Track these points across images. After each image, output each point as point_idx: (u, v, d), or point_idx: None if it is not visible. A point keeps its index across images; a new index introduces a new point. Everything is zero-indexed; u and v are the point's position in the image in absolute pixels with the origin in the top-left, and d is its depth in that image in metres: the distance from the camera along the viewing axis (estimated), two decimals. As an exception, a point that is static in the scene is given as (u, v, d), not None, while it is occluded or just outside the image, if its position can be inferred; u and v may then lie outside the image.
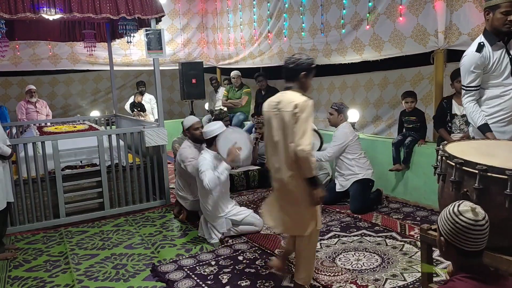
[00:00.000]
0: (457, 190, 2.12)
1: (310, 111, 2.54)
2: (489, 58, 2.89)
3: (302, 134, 2.49)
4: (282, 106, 2.63)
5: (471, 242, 1.51)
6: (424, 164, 4.56)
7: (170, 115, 10.05)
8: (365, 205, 4.45)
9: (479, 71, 2.92)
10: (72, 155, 4.75)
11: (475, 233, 1.51)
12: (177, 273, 3.25)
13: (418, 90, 5.42)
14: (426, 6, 4.54)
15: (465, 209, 1.54)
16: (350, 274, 3.09)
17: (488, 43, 2.90)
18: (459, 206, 1.56)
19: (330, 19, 5.81)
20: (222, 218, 3.84)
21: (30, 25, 5.65)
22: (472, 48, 2.96)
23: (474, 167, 2.02)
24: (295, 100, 2.56)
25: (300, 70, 2.66)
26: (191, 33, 8.86)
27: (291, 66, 2.68)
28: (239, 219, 3.91)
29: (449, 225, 1.54)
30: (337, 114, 4.65)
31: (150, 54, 4.79)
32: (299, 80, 2.67)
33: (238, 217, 3.92)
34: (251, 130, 6.39)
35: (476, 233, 1.51)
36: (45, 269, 3.47)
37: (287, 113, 2.56)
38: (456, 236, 1.53)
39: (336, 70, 6.51)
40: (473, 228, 1.50)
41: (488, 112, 2.97)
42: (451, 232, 1.54)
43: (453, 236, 1.54)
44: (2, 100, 8.63)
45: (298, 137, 2.49)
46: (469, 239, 1.51)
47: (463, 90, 3.06)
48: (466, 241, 1.51)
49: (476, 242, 1.51)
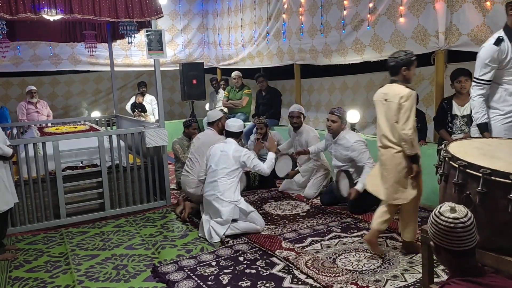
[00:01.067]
0: (460, 192, 2.11)
1: (413, 101, 3.06)
2: (506, 53, 2.88)
3: (405, 120, 3.03)
4: (389, 98, 3.13)
5: (457, 241, 1.52)
6: (424, 164, 4.53)
7: (171, 115, 10.04)
8: (364, 206, 4.41)
9: (495, 65, 2.90)
10: (72, 155, 4.75)
11: (458, 232, 1.52)
12: (178, 274, 3.25)
13: (419, 90, 5.40)
14: (427, 7, 4.54)
15: (445, 209, 1.58)
16: (350, 274, 3.09)
17: (507, 38, 2.88)
18: (440, 208, 1.60)
19: (330, 20, 5.81)
20: (232, 204, 3.87)
21: (31, 26, 5.65)
22: (491, 41, 2.94)
23: (478, 170, 2.01)
24: (400, 93, 3.06)
25: (401, 66, 3.12)
26: (191, 34, 8.86)
27: (392, 64, 3.15)
28: (248, 210, 3.96)
29: (434, 227, 1.57)
30: (341, 121, 4.55)
31: (151, 54, 4.80)
32: (401, 74, 3.14)
33: (246, 207, 3.97)
34: (251, 130, 6.39)
35: (459, 231, 1.52)
36: (45, 269, 3.47)
37: (394, 103, 3.08)
38: (442, 237, 1.55)
39: (336, 71, 6.51)
40: (454, 227, 1.52)
41: (505, 111, 2.94)
42: (436, 234, 1.56)
43: (439, 238, 1.56)
44: (3, 100, 8.63)
45: (402, 123, 3.05)
46: (454, 238, 1.52)
47: (474, 83, 3.04)
48: (452, 241, 1.53)
49: (462, 241, 1.52)
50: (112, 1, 4.45)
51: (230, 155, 3.99)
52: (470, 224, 1.54)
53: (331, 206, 4.68)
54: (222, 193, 3.89)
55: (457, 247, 1.53)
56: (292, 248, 3.59)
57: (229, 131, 4.21)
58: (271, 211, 4.68)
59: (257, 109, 7.12)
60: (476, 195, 2.02)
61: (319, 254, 3.49)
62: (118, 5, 4.49)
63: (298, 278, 3.10)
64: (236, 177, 4.00)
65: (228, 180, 3.94)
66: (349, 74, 6.62)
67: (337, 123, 4.54)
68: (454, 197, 2.12)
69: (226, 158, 4.00)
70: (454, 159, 2.16)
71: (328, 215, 4.44)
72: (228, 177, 3.95)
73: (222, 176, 3.94)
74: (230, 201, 3.89)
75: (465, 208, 1.59)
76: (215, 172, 3.99)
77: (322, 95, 7.15)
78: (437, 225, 1.56)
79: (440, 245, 1.56)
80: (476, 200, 2.02)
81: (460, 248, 1.53)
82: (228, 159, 3.99)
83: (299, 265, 3.26)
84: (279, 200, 5.08)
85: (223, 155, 4.02)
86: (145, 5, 4.63)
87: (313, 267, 3.21)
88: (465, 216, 1.55)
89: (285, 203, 4.97)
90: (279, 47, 6.84)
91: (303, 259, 3.36)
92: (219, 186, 3.91)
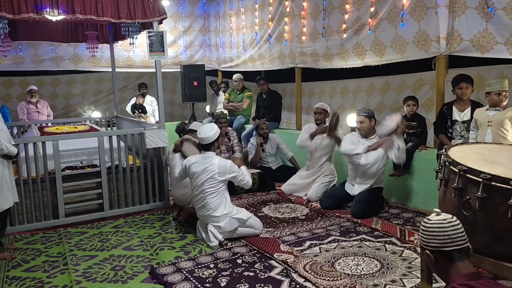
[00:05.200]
0: (459, 197, 2.11)
1: None
2: None
3: None
4: None
5: (448, 239, 1.56)
6: (424, 169, 4.55)
7: (171, 117, 10.05)
8: (367, 211, 4.41)
9: None
10: (72, 155, 4.75)
11: (448, 230, 1.57)
12: (176, 276, 3.24)
13: (419, 95, 5.42)
14: (428, 12, 4.54)
15: (431, 215, 1.66)
16: (349, 279, 3.08)
17: None
18: (426, 217, 1.67)
19: (332, 24, 5.82)
20: (227, 217, 3.83)
21: (33, 26, 5.66)
22: None
23: (478, 175, 2.01)
24: None
25: None
26: (193, 36, 8.88)
27: None
28: (245, 217, 3.88)
29: (425, 233, 1.63)
30: (369, 120, 4.44)
31: (152, 56, 4.80)
32: None
33: (242, 215, 3.89)
34: (251, 133, 6.39)
35: (449, 229, 1.57)
36: (43, 269, 3.46)
37: None
38: (434, 240, 1.59)
39: (337, 75, 6.52)
40: (444, 225, 1.58)
41: None
42: (429, 239, 1.61)
43: (432, 242, 1.60)
44: (4, 100, 8.64)
45: None
46: (445, 237, 1.57)
47: None
48: (444, 241, 1.57)
49: (453, 239, 1.56)
50: (114, 1, 4.46)
51: (215, 171, 3.81)
52: (458, 223, 1.60)
53: (330, 210, 4.67)
54: (214, 210, 3.81)
55: (450, 246, 1.56)
56: (290, 251, 3.58)
57: (206, 144, 3.90)
58: (270, 213, 4.67)
59: (258, 112, 7.12)
60: (475, 200, 2.01)
61: (317, 257, 3.48)
62: (120, 6, 4.49)
63: (296, 282, 3.09)
64: (222, 189, 3.85)
65: (216, 196, 3.82)
66: (350, 78, 6.63)
67: (365, 122, 4.47)
68: (454, 202, 2.12)
69: (211, 176, 3.80)
70: (454, 163, 2.16)
71: (327, 219, 4.43)
72: (216, 192, 3.81)
73: (210, 194, 3.81)
74: (224, 214, 3.82)
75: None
76: (202, 193, 3.84)
77: (323, 98, 7.15)
78: (427, 229, 1.62)
79: (434, 249, 1.59)
80: (476, 205, 2.02)
81: (453, 247, 1.55)
82: (213, 177, 3.80)
83: (297, 269, 3.25)
84: (278, 203, 5.07)
85: (207, 173, 3.80)
86: (147, 6, 4.63)
87: (311, 271, 3.20)
88: (452, 217, 1.62)
89: (284, 206, 4.96)
90: (280, 50, 6.84)
91: (302, 262, 3.35)
92: (210, 205, 3.82)
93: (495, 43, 4.05)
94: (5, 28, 4.19)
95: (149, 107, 8.06)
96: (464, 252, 1.56)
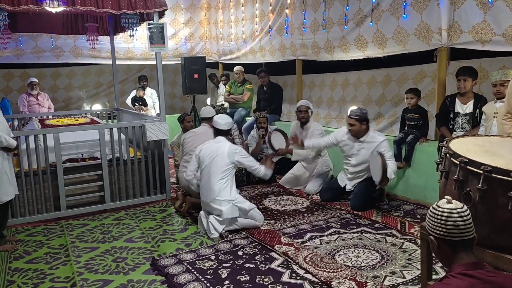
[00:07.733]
0: (460, 189, 2.10)
1: None
2: None
3: None
4: None
5: (456, 230, 1.54)
6: (425, 162, 4.55)
7: (172, 109, 10.03)
8: (366, 203, 4.43)
9: None
10: (73, 148, 4.75)
11: (457, 221, 1.54)
12: (177, 267, 3.25)
13: (421, 88, 5.38)
14: (431, 3, 4.51)
15: (441, 202, 1.61)
16: (349, 270, 3.09)
17: None
18: (436, 203, 1.63)
19: (332, 16, 5.78)
20: (230, 203, 3.84)
21: (33, 18, 5.63)
22: None
23: (479, 167, 2.00)
24: None
25: None
26: (194, 28, 8.83)
27: None
28: (247, 207, 3.91)
29: (432, 220, 1.60)
30: (359, 123, 4.39)
31: (153, 48, 4.78)
32: None
33: (245, 204, 3.93)
34: (252, 125, 6.38)
35: (458, 219, 1.54)
36: (45, 261, 3.48)
37: None
38: (441, 228, 1.56)
39: (338, 67, 6.49)
40: (453, 216, 1.55)
41: None
42: (436, 226, 1.58)
43: (438, 230, 1.57)
44: (4, 92, 8.62)
45: None
46: (453, 227, 1.54)
47: None
48: (451, 230, 1.54)
49: (461, 230, 1.54)
50: (114, -7, 4.44)
51: (225, 153, 3.92)
52: (467, 214, 1.57)
53: (331, 202, 4.68)
54: (218, 193, 3.85)
55: (456, 236, 1.54)
56: (291, 243, 3.59)
57: (219, 129, 4.12)
58: (271, 206, 4.69)
59: (258, 104, 7.11)
60: (476, 192, 2.01)
61: (318, 249, 3.49)
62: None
63: (296, 273, 3.11)
64: (230, 175, 3.94)
65: (222, 180, 3.88)
66: (351, 70, 6.60)
67: (356, 126, 4.41)
68: (454, 194, 2.11)
69: (220, 157, 3.92)
70: (455, 155, 2.15)
71: (328, 211, 4.44)
72: (223, 175, 3.89)
73: (216, 176, 3.88)
74: (227, 200, 3.85)
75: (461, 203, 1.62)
76: (208, 174, 3.93)
77: (324, 91, 7.12)
78: (435, 216, 1.58)
79: (439, 237, 1.57)
80: (476, 197, 2.01)
81: (459, 238, 1.54)
82: (221, 159, 3.91)
83: (298, 260, 3.27)
84: (279, 195, 5.08)
85: (216, 154, 3.94)
86: (148, -3, 4.61)
87: (312, 262, 3.22)
88: (462, 207, 1.58)
89: (285, 198, 4.97)
90: (281, 42, 6.81)
91: (302, 254, 3.37)
92: (214, 188, 3.87)
93: (493, 34, 4.01)
94: (5, 20, 4.17)
95: (149, 100, 8.05)
96: (469, 243, 1.55)
